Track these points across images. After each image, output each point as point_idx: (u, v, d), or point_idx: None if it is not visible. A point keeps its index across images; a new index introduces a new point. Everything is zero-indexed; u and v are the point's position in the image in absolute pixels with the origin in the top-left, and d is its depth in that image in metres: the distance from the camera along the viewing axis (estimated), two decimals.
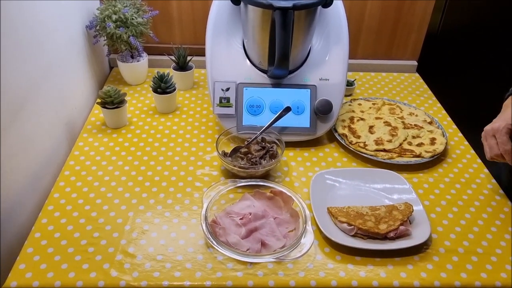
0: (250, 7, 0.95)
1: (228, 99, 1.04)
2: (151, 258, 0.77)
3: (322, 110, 1.03)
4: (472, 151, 1.07)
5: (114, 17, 1.13)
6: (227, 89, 1.04)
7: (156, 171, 0.97)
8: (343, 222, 0.82)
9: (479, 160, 1.04)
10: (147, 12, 1.19)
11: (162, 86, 1.11)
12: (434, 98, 1.29)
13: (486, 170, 1.01)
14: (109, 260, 0.76)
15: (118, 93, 1.06)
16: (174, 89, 1.14)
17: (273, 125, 1.00)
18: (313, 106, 1.04)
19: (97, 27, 1.16)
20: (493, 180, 0.98)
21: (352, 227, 0.81)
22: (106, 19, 1.13)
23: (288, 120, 1.03)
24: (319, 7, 0.97)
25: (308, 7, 0.93)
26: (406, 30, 1.37)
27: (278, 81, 1.05)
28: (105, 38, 1.18)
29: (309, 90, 1.05)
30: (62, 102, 1.03)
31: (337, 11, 1.06)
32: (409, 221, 0.84)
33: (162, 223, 0.84)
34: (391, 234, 0.80)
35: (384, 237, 0.80)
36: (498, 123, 0.83)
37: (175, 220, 0.85)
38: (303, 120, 1.04)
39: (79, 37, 1.13)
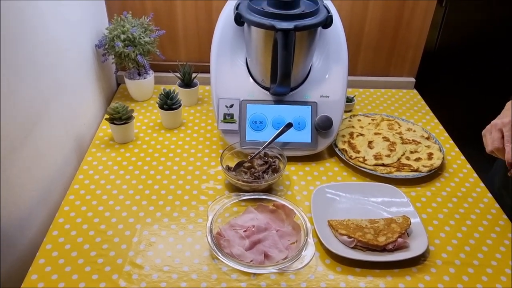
0: (253, 28, 1.00)
1: (232, 115, 1.08)
2: (158, 269, 0.80)
3: (323, 126, 1.07)
4: (469, 166, 1.10)
5: (122, 36, 1.17)
6: (231, 106, 1.08)
7: (162, 185, 1.00)
8: (343, 235, 0.85)
9: (475, 175, 1.07)
10: (154, 31, 1.24)
11: (168, 103, 1.15)
12: (432, 114, 1.33)
13: (482, 184, 1.04)
14: (117, 271, 0.79)
15: (126, 109, 1.10)
16: (180, 106, 1.18)
17: (275, 141, 1.04)
18: (314, 122, 1.08)
19: (106, 46, 1.21)
20: (489, 194, 1.01)
21: (352, 239, 0.84)
22: (115, 38, 1.18)
23: (289, 136, 1.06)
24: (319, 28, 1.02)
25: (309, 28, 0.97)
26: (404, 48, 1.41)
27: (280, 98, 1.09)
28: (114, 56, 1.22)
29: (310, 106, 1.09)
30: (72, 118, 1.07)
31: (336, 31, 1.10)
32: (407, 233, 0.86)
33: (168, 235, 0.87)
34: (390, 246, 0.83)
35: (383, 249, 0.83)
36: (508, 118, 0.83)
37: (181, 232, 0.88)
38: (304, 136, 1.08)
39: (88, 56, 1.18)
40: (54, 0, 0.95)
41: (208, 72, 1.13)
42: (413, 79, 1.47)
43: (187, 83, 1.28)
